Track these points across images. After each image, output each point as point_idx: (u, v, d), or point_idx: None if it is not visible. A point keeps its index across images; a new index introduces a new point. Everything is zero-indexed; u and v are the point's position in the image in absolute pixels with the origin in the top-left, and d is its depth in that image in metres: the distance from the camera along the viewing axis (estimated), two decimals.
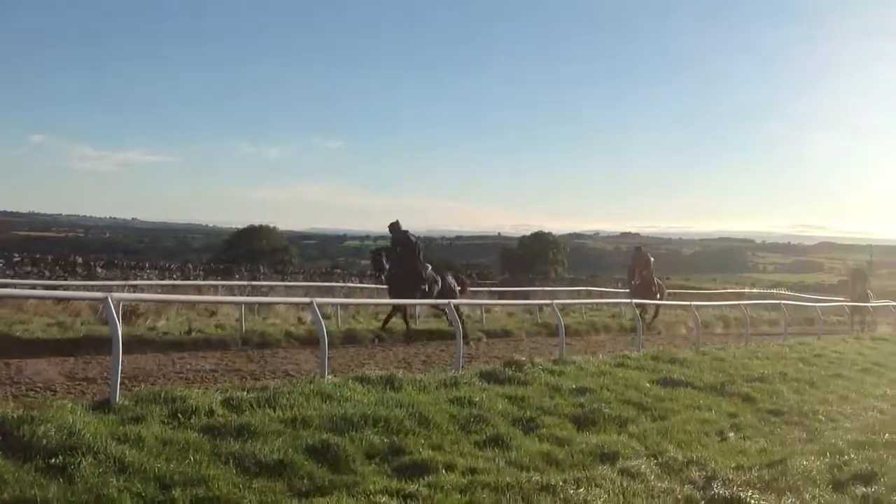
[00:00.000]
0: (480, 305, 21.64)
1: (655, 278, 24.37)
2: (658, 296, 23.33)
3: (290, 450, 6.55)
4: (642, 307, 19.87)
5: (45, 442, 5.95)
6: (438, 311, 19.42)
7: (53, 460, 5.66)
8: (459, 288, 18.12)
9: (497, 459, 7.17)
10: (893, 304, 37.19)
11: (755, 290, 46.33)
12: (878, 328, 27.06)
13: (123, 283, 20.14)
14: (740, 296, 32.58)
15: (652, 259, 24.70)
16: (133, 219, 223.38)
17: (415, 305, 17.97)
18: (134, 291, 18.36)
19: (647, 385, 11.11)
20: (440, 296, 16.53)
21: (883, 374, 15.41)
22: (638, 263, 24.28)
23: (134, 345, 12.45)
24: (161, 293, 18.68)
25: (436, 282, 17.31)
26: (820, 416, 10.63)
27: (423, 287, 16.83)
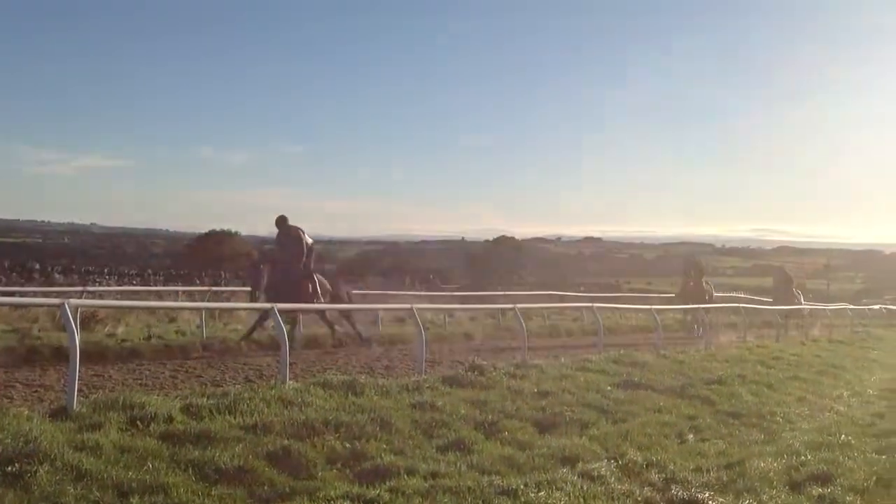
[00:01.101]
0: (443, 310, 21.64)
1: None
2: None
3: (250, 456, 6.52)
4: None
5: (0, 449, 5.86)
6: (403, 315, 19.41)
7: (9, 468, 5.58)
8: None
9: (459, 463, 7.18)
10: (850, 306, 37.82)
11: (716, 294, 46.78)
12: (812, 331, 27.06)
13: (82, 288, 19.94)
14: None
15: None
16: (92, 224, 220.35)
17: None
18: (93, 297, 18.10)
19: (608, 388, 11.18)
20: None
21: (839, 375, 15.68)
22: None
23: (93, 351, 12.32)
24: (120, 299, 18.46)
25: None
26: (777, 418, 10.79)
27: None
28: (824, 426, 10.24)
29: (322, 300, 15.40)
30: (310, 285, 15.57)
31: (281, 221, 15.61)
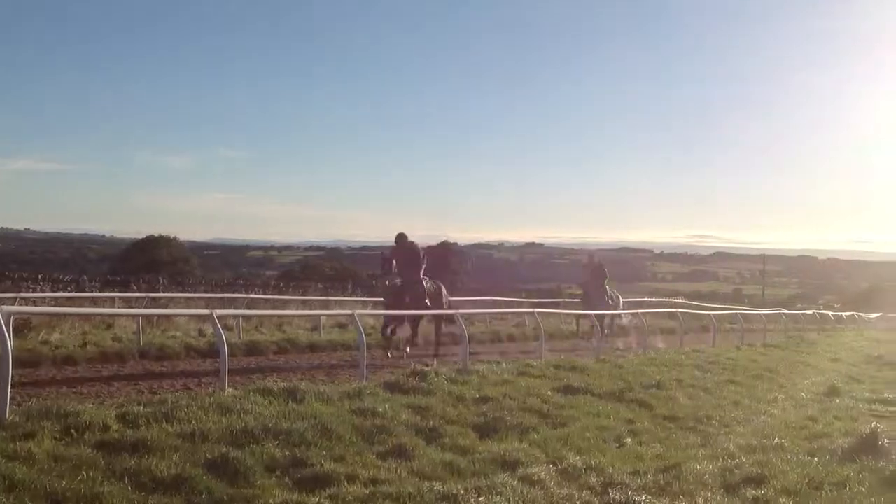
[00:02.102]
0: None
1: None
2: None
3: (187, 464, 6.44)
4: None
5: None
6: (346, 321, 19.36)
7: None
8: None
9: (399, 469, 7.19)
10: (784, 311, 38.64)
11: (653, 299, 47.40)
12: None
13: (15, 295, 19.39)
14: (639, 305, 33.26)
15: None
16: (26, 229, 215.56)
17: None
18: (27, 304, 17.71)
19: (549, 393, 11.27)
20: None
21: (774, 379, 16.01)
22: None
23: (26, 359, 12.07)
24: (55, 305, 18.07)
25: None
26: (714, 422, 10.98)
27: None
28: (759, 429, 10.44)
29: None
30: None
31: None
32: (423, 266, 17.10)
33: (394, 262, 16.44)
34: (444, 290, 17.93)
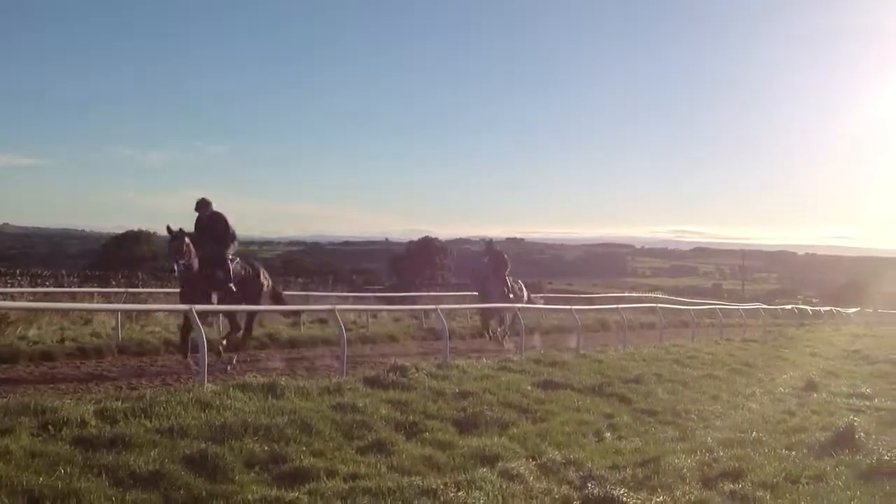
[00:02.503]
0: (366, 311, 21.59)
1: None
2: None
3: (166, 460, 6.42)
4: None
5: None
6: (325, 316, 19.30)
7: None
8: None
9: (379, 465, 7.19)
10: (763, 306, 38.89)
11: (634, 294, 47.60)
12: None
13: None
14: (620, 300, 33.38)
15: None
16: (4, 224, 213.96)
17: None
18: (4, 299, 17.58)
19: (529, 388, 11.30)
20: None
21: (752, 374, 16.09)
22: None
23: (3, 354, 11.97)
24: (33, 301, 17.94)
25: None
26: (692, 416, 11.03)
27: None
28: (737, 423, 10.50)
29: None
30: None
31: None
32: None
33: None
34: (261, 272, 14.33)
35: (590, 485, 6.87)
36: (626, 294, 47.00)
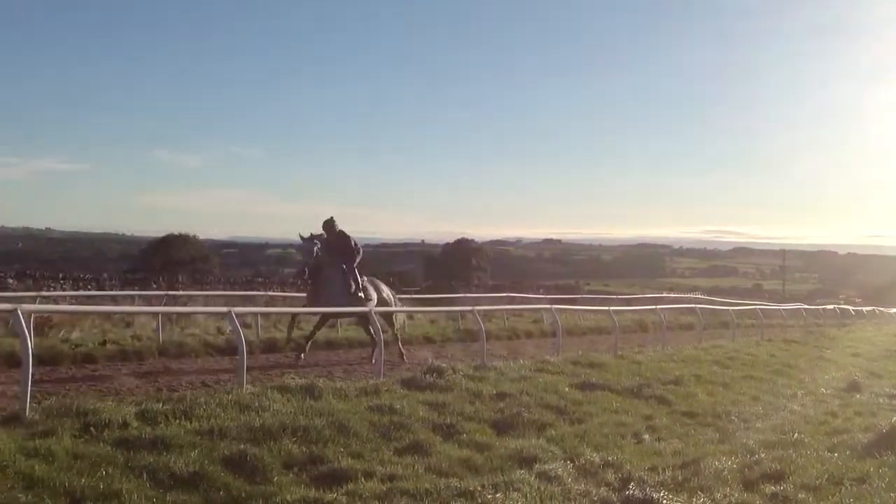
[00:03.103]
0: (403, 312, 21.59)
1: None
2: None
3: (205, 461, 6.48)
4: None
5: None
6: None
7: None
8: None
9: (416, 466, 7.20)
10: (804, 306, 38.32)
11: (672, 295, 47.19)
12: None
13: (36, 294, 19.52)
14: (658, 300, 33.09)
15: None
16: (47, 228, 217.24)
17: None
18: (47, 303, 17.83)
19: (566, 389, 11.26)
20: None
21: (794, 375, 15.91)
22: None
23: (47, 356, 12.14)
24: (75, 304, 18.18)
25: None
26: (732, 417, 10.93)
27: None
28: (778, 425, 10.39)
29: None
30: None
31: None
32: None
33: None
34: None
35: (629, 487, 6.83)
36: (664, 294, 46.63)
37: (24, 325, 7.84)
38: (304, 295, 15.86)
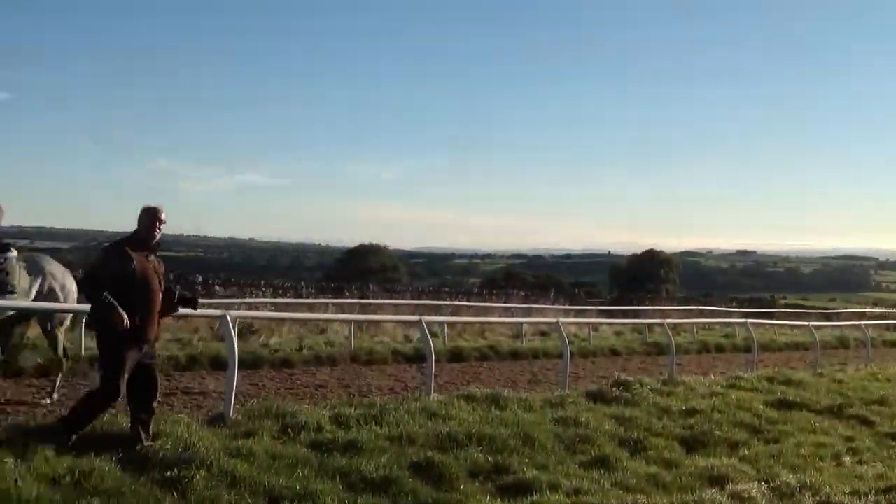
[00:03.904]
0: (588, 324, 21.42)
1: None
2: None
3: (395, 466, 6.63)
4: None
5: (161, 455, 6.18)
6: (547, 329, 19.35)
7: (169, 473, 5.87)
8: None
9: (602, 481, 7.09)
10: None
11: (877, 310, 44.37)
12: None
13: (241, 300, 20.66)
14: (861, 316, 31.25)
15: None
16: (250, 239, 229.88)
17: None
18: (249, 309, 18.83)
19: (760, 407, 10.83)
20: None
21: None
22: None
23: (248, 360, 12.77)
24: (274, 311, 19.11)
25: None
26: None
27: None
28: None
29: None
30: None
31: None
32: None
33: None
34: None
35: None
36: (868, 310, 43.96)
37: (231, 329, 8.30)
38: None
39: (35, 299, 8.68)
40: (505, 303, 31.94)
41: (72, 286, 9.22)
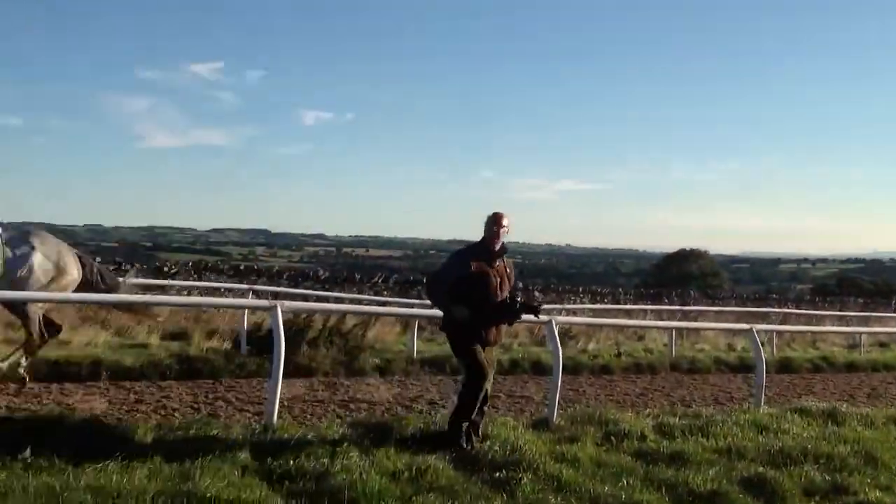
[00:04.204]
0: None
1: None
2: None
3: (724, 481, 6.41)
4: None
5: (490, 456, 6.43)
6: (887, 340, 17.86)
7: (497, 474, 6.08)
8: None
9: None
10: None
11: None
12: None
13: (560, 306, 20.93)
14: None
15: None
16: (567, 245, 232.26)
17: None
18: (567, 314, 19.07)
19: None
20: None
21: None
22: None
23: (566, 366, 12.91)
24: (591, 316, 19.19)
25: None
26: None
27: None
28: None
29: None
30: None
31: None
32: None
33: None
34: None
35: None
36: None
37: (556, 335, 8.44)
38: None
39: (18, 278, 7.99)
40: (839, 310, 29.93)
41: (71, 268, 8.49)
